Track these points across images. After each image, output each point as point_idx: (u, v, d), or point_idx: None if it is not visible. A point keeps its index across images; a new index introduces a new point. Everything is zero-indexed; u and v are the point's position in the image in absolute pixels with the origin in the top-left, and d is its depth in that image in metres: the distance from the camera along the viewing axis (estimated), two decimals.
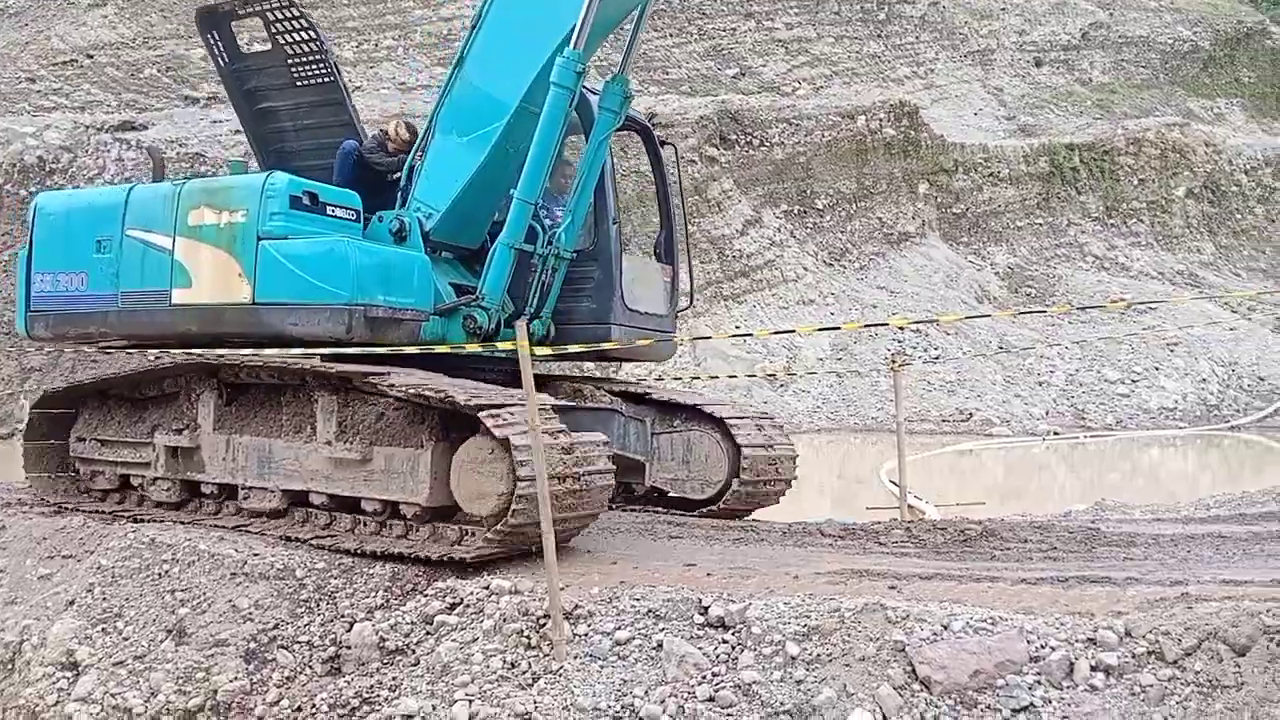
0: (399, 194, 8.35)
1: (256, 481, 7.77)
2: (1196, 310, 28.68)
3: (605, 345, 8.41)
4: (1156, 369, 27.69)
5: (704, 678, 5.10)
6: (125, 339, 8.39)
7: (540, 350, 7.54)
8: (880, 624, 5.01)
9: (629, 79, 8.44)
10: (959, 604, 5.29)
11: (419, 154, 8.34)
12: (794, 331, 9.42)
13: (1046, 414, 26.32)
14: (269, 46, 9.11)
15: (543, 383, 8.56)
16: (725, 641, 5.28)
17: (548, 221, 8.24)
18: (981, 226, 34.58)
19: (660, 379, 15.94)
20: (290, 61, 9.06)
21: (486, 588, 6.15)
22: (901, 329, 27.39)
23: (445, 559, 6.69)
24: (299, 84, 9.16)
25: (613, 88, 8.23)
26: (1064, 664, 4.65)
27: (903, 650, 4.86)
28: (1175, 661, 4.54)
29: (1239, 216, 35.91)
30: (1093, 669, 4.61)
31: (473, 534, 6.86)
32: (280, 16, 8.85)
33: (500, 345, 7.65)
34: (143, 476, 8.43)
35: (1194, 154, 36.02)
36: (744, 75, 37.49)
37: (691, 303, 9.84)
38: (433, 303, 7.95)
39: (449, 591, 6.31)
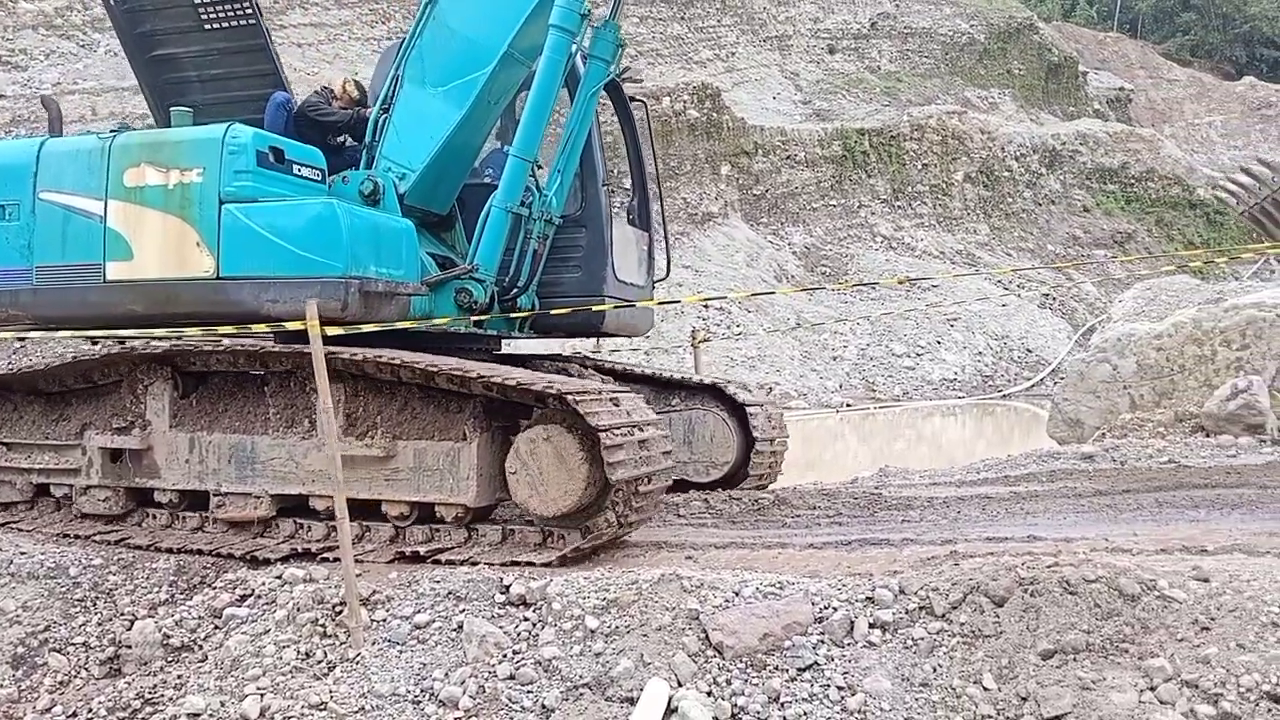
0: (363, 152, 7.43)
1: (236, 486, 6.78)
2: (973, 287, 30.77)
3: (600, 321, 7.75)
4: (938, 343, 29.54)
5: (505, 656, 5.12)
6: (43, 322, 7.09)
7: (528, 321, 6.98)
8: (676, 594, 5.16)
9: (619, 25, 7.79)
10: (750, 571, 5.53)
11: (383, 109, 7.40)
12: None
13: (840, 387, 27.63)
14: None
15: (522, 362, 7.88)
16: (526, 619, 5.32)
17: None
18: (780, 207, 35.81)
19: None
20: (199, 1, 7.89)
21: (279, 577, 5.95)
22: (707, 306, 28.07)
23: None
24: (208, 27, 7.95)
25: (603, 35, 7.56)
26: (845, 623, 4.93)
27: (697, 618, 5.02)
28: (943, 615, 4.88)
29: (1010, 200, 38.69)
30: (871, 626, 4.91)
31: (522, 534, 6.26)
32: None
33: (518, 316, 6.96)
34: (68, 485, 7.27)
35: (971, 141, 38.49)
36: None
37: (669, 272, 9.20)
38: (420, 274, 7.08)
39: (239, 583, 6.07)
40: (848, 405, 26.29)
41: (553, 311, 7.62)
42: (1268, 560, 5.28)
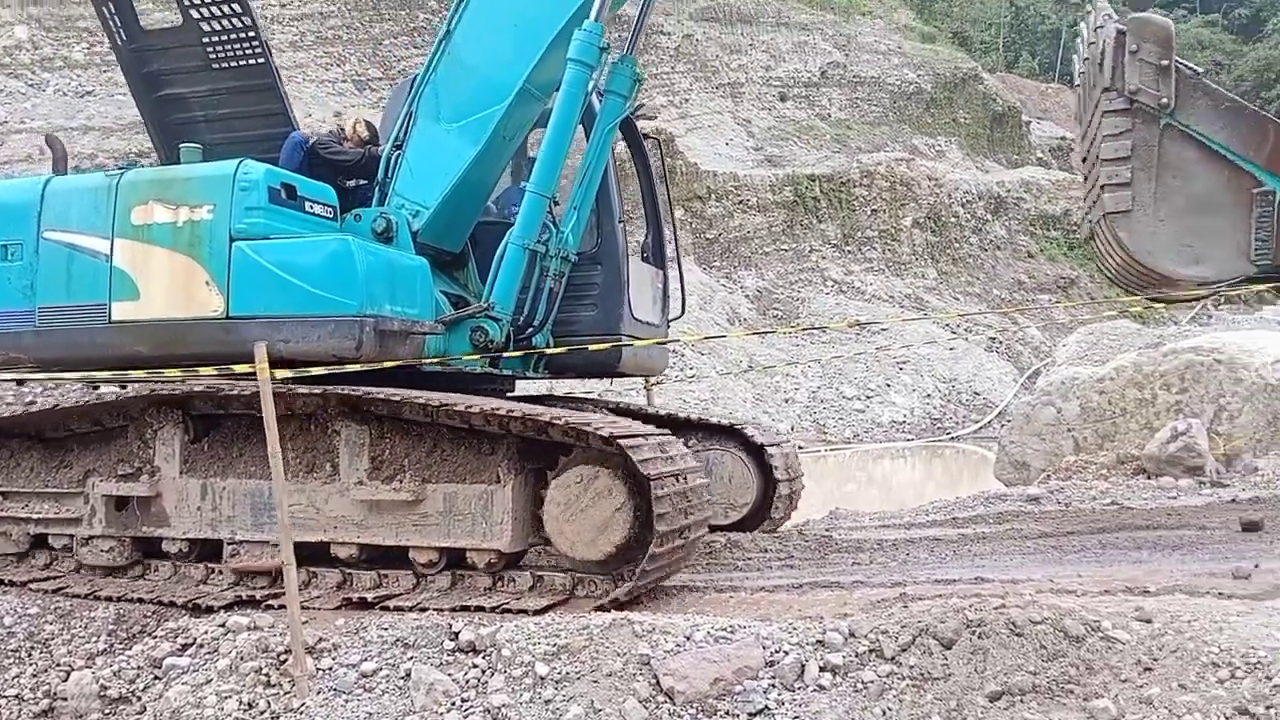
0: (375, 190, 7.29)
1: (251, 534, 6.54)
2: (921, 331, 31.24)
3: (618, 360, 7.59)
4: (888, 385, 29.90)
5: (453, 704, 5.05)
6: (46, 365, 6.84)
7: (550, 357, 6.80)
8: (627, 639, 5.13)
9: (637, 60, 7.68)
10: (702, 614, 5.52)
11: (396, 145, 7.28)
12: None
13: (792, 429, 27.79)
14: (180, 22, 7.75)
15: (536, 403, 7.68)
16: (476, 666, 5.25)
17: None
18: (733, 251, 36.18)
19: None
20: (207, 40, 7.71)
21: (223, 625, 5.83)
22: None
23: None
24: (216, 67, 7.79)
25: (621, 70, 7.46)
26: (796, 666, 4.93)
27: (648, 663, 5.00)
28: (893, 658, 4.91)
29: (957, 246, 39.46)
30: (821, 669, 4.91)
31: (549, 580, 6.10)
32: None
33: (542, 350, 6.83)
34: (69, 535, 6.95)
35: (919, 187, 39.29)
36: None
37: (684, 310, 9.01)
38: (434, 313, 6.91)
39: (180, 632, 5.93)
40: (800, 447, 26.42)
41: (594, 348, 7.49)
42: (1207, 600, 5.39)
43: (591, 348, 7.45)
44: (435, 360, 6.76)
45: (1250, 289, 7.25)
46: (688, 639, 5.09)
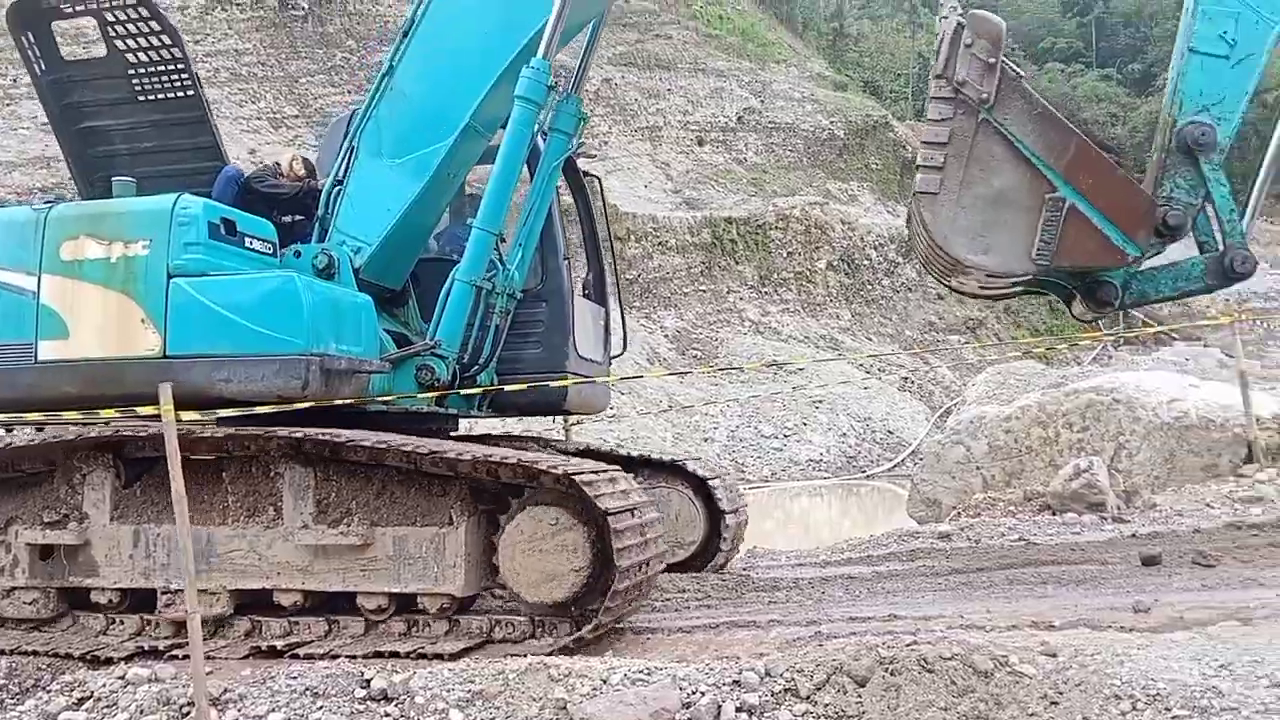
0: (314, 225, 7.16)
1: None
2: (836, 371, 31.78)
3: (562, 398, 7.52)
4: (804, 424, 30.28)
5: None
6: None
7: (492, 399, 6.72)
8: (543, 683, 5.08)
9: (581, 99, 7.70)
10: (619, 657, 5.50)
11: (337, 181, 7.18)
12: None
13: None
14: (104, 53, 7.49)
15: (476, 443, 7.48)
16: (388, 715, 5.14)
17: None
18: (652, 292, 36.43)
19: None
20: (133, 72, 7.47)
21: (122, 678, 5.61)
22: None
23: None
24: (142, 99, 7.56)
25: (565, 108, 7.49)
26: (712, 707, 4.92)
27: (564, 708, 4.95)
28: (808, 696, 4.94)
29: (870, 287, 40.36)
30: (737, 710, 4.91)
31: (509, 622, 5.97)
32: (124, 17, 7.24)
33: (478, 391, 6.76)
34: None
35: (833, 230, 40.14)
36: None
37: (625, 348, 8.97)
38: (379, 351, 6.79)
39: (77, 685, 5.69)
40: None
41: (560, 384, 7.45)
42: (1109, 634, 5.55)
43: (555, 384, 7.46)
44: (381, 399, 6.67)
45: (1021, 294, 7.62)
46: (605, 682, 5.06)
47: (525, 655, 5.55)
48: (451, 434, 7.85)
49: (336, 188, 7.24)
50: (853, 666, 4.96)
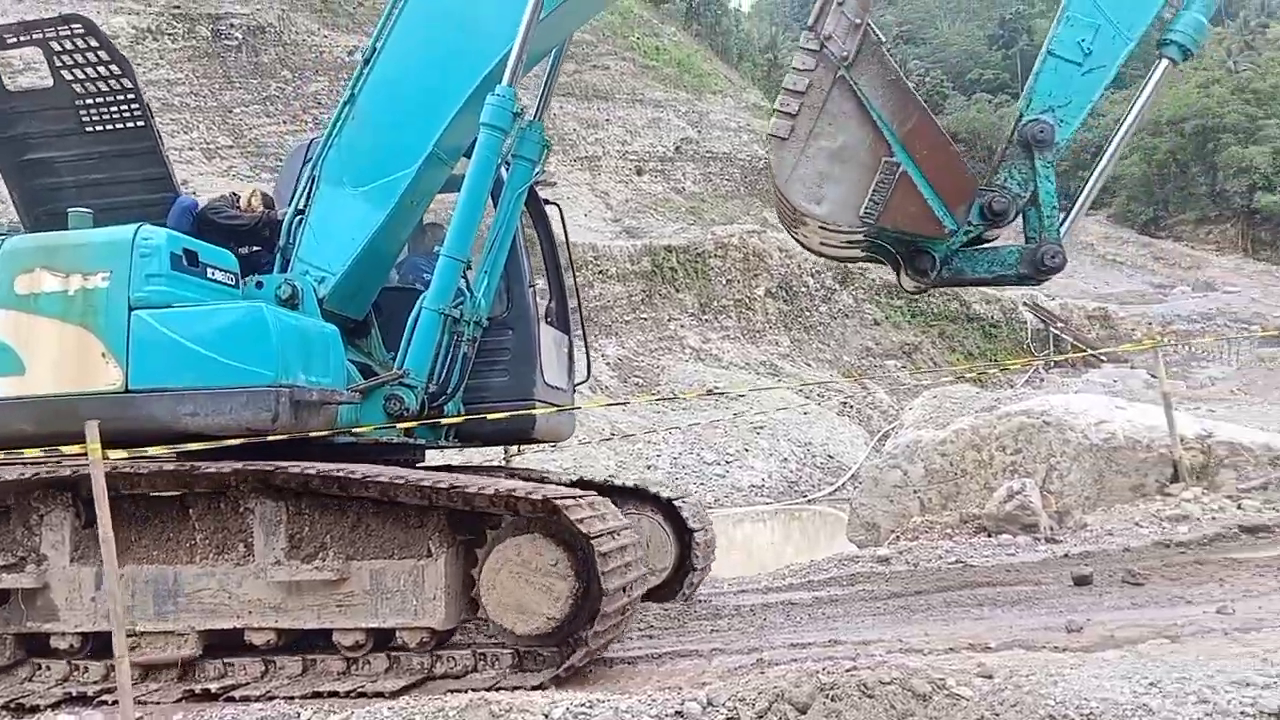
0: (276, 256, 7.04)
1: (154, 624, 6.02)
2: (776, 397, 32.05)
3: (531, 426, 7.46)
4: (746, 450, 30.45)
5: None
6: None
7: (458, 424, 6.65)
8: (485, 719, 5.03)
9: (544, 125, 7.68)
10: (561, 690, 5.46)
11: (299, 211, 7.07)
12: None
13: None
14: (49, 83, 7.27)
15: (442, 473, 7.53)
16: None
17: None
18: (593, 320, 36.45)
19: None
20: (80, 103, 7.29)
21: None
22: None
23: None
24: (90, 130, 7.37)
25: (529, 135, 7.47)
26: None
27: None
28: None
29: (808, 314, 40.86)
30: None
31: (494, 656, 5.86)
32: (71, 47, 7.04)
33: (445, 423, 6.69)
34: None
35: (771, 258, 40.62)
36: None
37: (589, 375, 8.85)
38: (346, 382, 6.67)
39: None
40: None
41: (542, 412, 7.45)
42: (1044, 654, 5.66)
43: (539, 412, 7.46)
44: (350, 431, 6.56)
45: (858, 259, 7.79)
46: (546, 717, 5.02)
47: (466, 691, 5.50)
48: (419, 465, 7.78)
49: (298, 217, 7.18)
50: (794, 694, 4.99)
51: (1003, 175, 6.91)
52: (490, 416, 7.25)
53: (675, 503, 8.52)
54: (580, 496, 6.00)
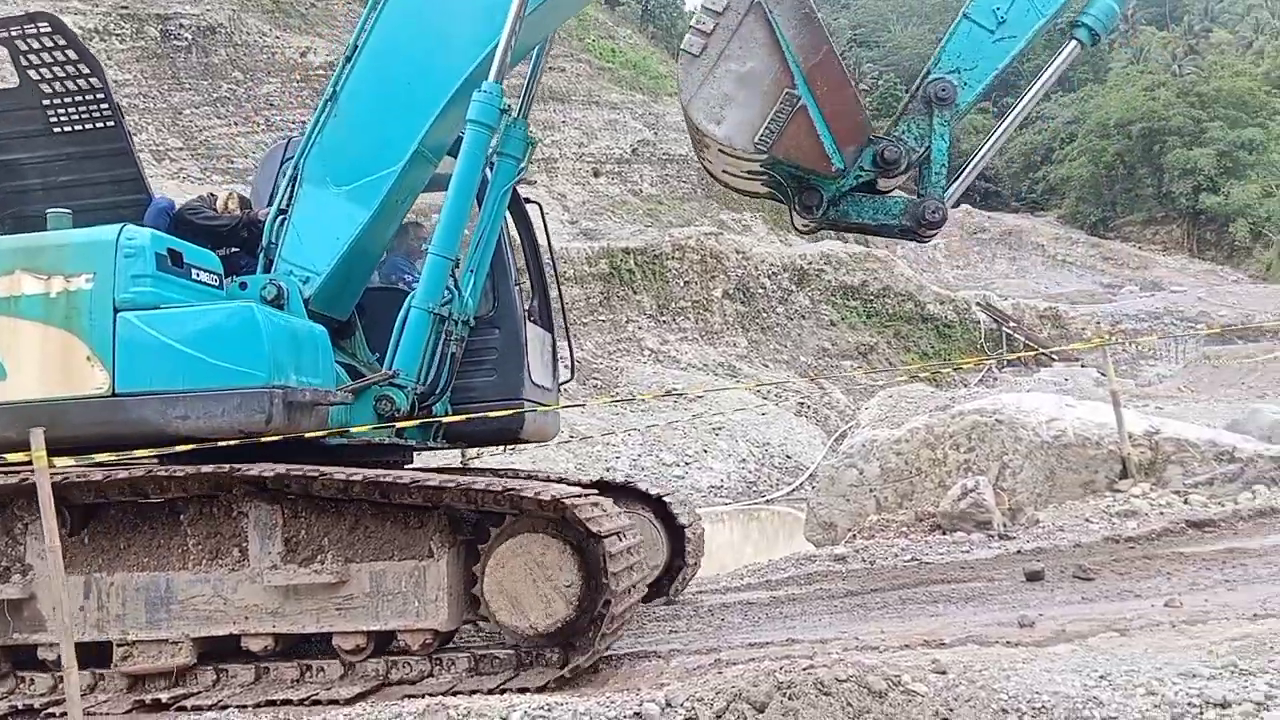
0: (259, 257, 6.94)
1: (146, 633, 5.88)
2: (734, 397, 32.19)
3: (520, 426, 7.39)
4: (705, 451, 30.55)
5: None
6: None
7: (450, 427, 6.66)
8: None
9: (529, 123, 7.61)
10: (519, 694, 5.44)
11: (281, 211, 6.97)
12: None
13: None
14: (16, 83, 7.13)
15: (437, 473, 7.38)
16: None
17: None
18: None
19: None
20: (48, 103, 7.17)
21: None
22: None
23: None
24: (58, 131, 7.26)
25: (513, 132, 7.44)
26: None
27: None
28: None
29: (765, 315, 41.08)
30: None
31: (493, 657, 5.80)
32: (38, 46, 6.93)
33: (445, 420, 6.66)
34: None
35: (728, 260, 40.79)
36: None
37: (573, 374, 8.62)
38: (335, 382, 6.58)
39: None
40: None
41: (538, 409, 7.44)
42: (997, 650, 5.74)
43: (536, 409, 7.42)
44: (340, 431, 6.51)
45: (759, 194, 7.81)
46: None
47: (423, 695, 5.46)
48: (408, 466, 7.72)
49: (280, 217, 7.08)
50: (751, 693, 5.01)
51: (901, 127, 6.94)
52: (490, 415, 7.24)
53: (665, 499, 8.53)
54: (587, 495, 6.01)
